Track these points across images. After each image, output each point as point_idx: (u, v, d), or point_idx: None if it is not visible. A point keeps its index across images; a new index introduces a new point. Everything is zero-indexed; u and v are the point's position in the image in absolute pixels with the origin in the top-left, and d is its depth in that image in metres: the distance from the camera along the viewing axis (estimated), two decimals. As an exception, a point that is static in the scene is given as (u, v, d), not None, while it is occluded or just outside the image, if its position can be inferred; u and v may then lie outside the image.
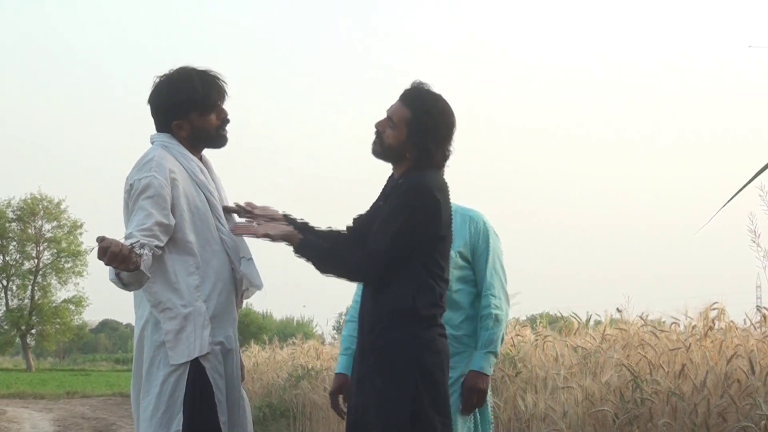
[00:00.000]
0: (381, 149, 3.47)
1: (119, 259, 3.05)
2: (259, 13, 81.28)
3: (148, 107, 3.63)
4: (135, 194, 3.39)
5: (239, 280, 3.60)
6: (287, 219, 3.58)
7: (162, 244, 3.34)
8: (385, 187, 3.58)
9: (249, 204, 3.64)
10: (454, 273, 3.60)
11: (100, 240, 3.05)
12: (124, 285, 3.27)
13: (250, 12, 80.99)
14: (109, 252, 3.03)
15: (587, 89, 72.11)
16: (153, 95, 3.60)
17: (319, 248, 3.44)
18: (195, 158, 3.59)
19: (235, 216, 3.67)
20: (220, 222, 3.56)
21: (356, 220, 3.61)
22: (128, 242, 3.14)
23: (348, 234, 3.60)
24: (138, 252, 3.11)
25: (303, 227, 3.55)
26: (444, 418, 3.30)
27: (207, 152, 3.71)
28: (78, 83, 77.21)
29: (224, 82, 3.62)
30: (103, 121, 74.73)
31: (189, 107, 3.54)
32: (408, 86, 3.48)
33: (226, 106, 3.64)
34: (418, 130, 3.39)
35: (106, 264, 3.09)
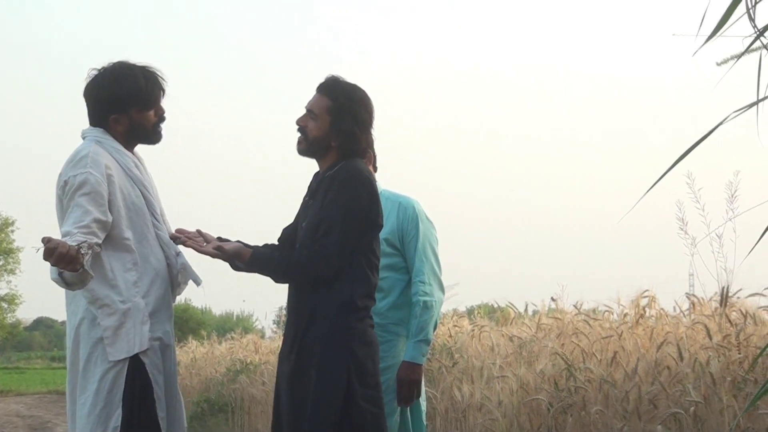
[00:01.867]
0: (306, 144, 3.47)
1: (66, 260, 3.00)
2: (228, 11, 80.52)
3: (83, 99, 3.58)
4: (70, 191, 3.33)
5: (175, 276, 3.59)
6: (222, 241, 3.53)
7: (100, 242, 3.30)
8: (310, 184, 3.58)
9: (194, 232, 3.57)
10: (381, 260, 3.60)
11: (46, 241, 2.99)
12: (68, 285, 3.22)
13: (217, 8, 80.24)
14: (56, 253, 2.97)
15: (518, 88, 72.75)
16: (91, 88, 3.55)
17: (271, 257, 3.41)
18: (129, 153, 3.55)
19: (164, 212, 3.65)
20: (155, 218, 3.54)
21: (285, 230, 3.61)
22: (73, 242, 3.09)
23: (281, 245, 3.58)
24: (83, 252, 3.07)
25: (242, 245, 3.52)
26: (376, 409, 3.32)
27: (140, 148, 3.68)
28: (8, 79, 75.63)
29: (164, 79, 3.60)
30: (34, 116, 73.39)
31: (130, 102, 3.51)
32: (322, 79, 3.50)
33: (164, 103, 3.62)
34: (340, 116, 3.42)
35: (53, 265, 3.03)
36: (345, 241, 3.32)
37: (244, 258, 3.38)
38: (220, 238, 3.54)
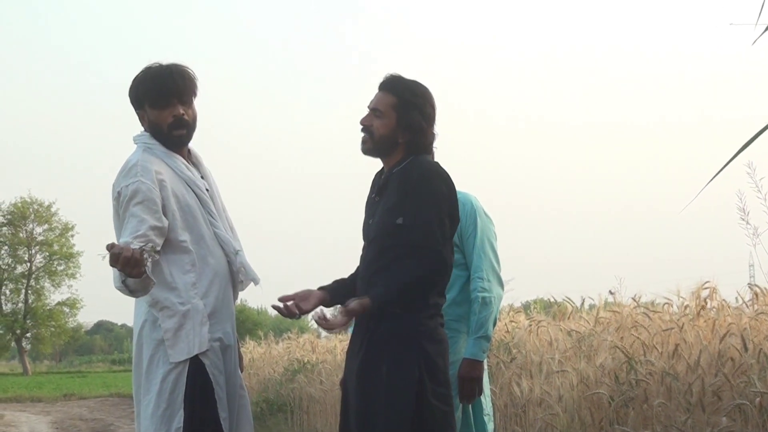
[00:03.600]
0: (373, 143, 3.43)
1: (132, 264, 3.02)
2: (253, 11, 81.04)
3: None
4: (124, 201, 3.37)
5: (235, 274, 3.59)
6: (323, 289, 3.47)
7: (159, 248, 3.33)
8: (374, 182, 3.55)
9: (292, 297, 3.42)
10: None
11: (110, 247, 3.02)
12: (131, 292, 3.25)
13: (243, 10, 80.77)
14: (121, 257, 3.00)
15: (573, 78, 72.13)
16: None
17: (387, 291, 3.25)
18: (178, 156, 3.56)
19: (221, 209, 3.65)
20: (212, 217, 3.55)
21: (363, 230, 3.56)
22: (135, 247, 3.10)
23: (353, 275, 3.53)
24: (146, 257, 3.09)
25: (339, 285, 3.49)
26: (447, 407, 3.30)
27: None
28: (67, 85, 76.99)
29: (183, 80, 3.52)
30: (91, 122, 74.53)
31: (144, 99, 3.52)
32: (382, 78, 3.47)
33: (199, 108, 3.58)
34: (407, 112, 3.39)
35: (120, 269, 3.05)
36: (445, 237, 3.30)
37: (367, 307, 3.22)
38: (320, 288, 3.46)
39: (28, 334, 49.83)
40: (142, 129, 3.59)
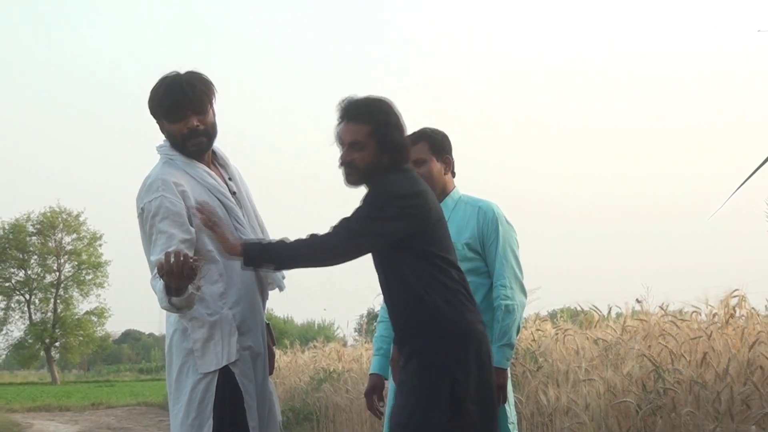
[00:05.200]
0: (359, 175, 3.39)
1: (185, 267, 3.01)
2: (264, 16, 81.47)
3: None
4: (149, 218, 3.35)
5: (264, 279, 3.58)
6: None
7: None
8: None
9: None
10: (462, 265, 3.56)
11: (161, 267, 3.03)
12: (178, 309, 3.25)
13: (256, 16, 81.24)
14: (173, 261, 3.00)
15: (595, 80, 71.81)
16: None
17: (270, 250, 3.30)
18: (200, 164, 3.53)
19: (251, 210, 3.64)
20: (239, 223, 3.53)
21: None
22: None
23: None
24: (196, 265, 3.07)
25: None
26: (485, 410, 3.34)
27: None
28: (94, 97, 77.65)
29: (195, 90, 3.46)
30: (118, 133, 75.13)
31: (159, 112, 3.51)
32: (339, 108, 3.41)
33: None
34: (385, 135, 3.35)
35: (176, 272, 3.02)
36: (365, 232, 3.26)
37: (235, 252, 3.29)
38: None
39: (57, 344, 50.17)
40: (164, 139, 3.60)
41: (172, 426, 3.44)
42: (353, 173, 3.39)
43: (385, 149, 3.36)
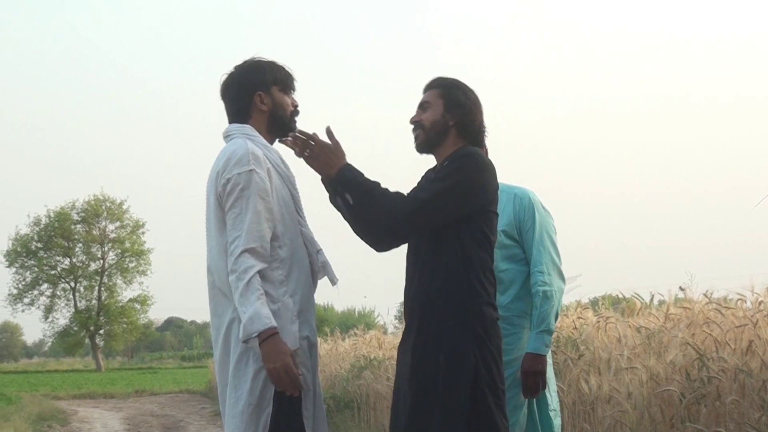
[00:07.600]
0: (425, 133, 3.45)
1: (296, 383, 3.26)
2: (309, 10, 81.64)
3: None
4: (236, 190, 3.31)
5: (316, 272, 3.56)
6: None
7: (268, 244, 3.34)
8: (425, 176, 3.55)
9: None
10: (500, 252, 3.53)
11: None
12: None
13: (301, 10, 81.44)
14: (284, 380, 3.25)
15: (642, 59, 70.98)
16: (231, 80, 3.55)
17: (364, 179, 3.36)
18: (276, 150, 3.53)
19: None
20: (299, 215, 3.53)
21: None
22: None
23: None
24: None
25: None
26: (498, 400, 3.28)
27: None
28: (137, 88, 78.49)
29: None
30: (160, 123, 75.82)
31: (272, 81, 3.52)
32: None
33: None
34: (452, 95, 3.45)
35: (288, 386, 3.26)
36: (438, 200, 3.26)
37: (332, 175, 3.38)
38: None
39: (101, 331, 50.84)
40: (246, 125, 3.53)
41: (229, 413, 3.40)
42: (420, 133, 3.47)
43: (450, 108, 3.43)
